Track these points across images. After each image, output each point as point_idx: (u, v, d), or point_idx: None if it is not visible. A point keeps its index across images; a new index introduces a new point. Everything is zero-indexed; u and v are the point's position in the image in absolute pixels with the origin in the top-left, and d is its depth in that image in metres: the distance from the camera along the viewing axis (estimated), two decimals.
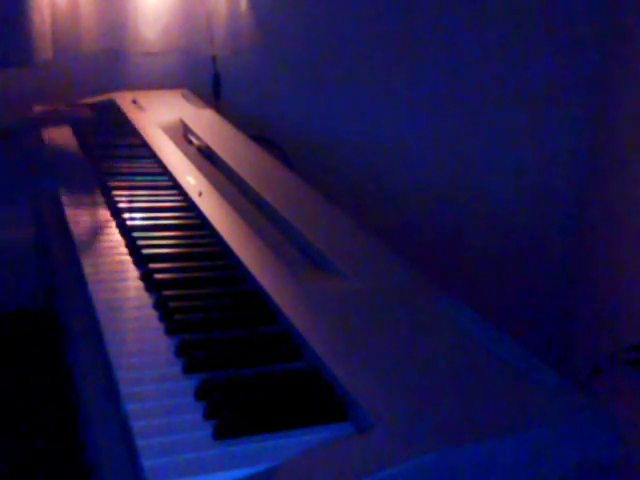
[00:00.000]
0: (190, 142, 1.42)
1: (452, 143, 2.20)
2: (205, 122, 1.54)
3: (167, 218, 1.06)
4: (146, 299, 0.82)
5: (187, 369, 0.67)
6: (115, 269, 0.90)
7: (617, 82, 2.20)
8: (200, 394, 0.63)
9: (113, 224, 1.04)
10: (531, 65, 2.19)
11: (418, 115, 2.14)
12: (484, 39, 2.13)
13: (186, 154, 1.31)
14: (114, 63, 1.86)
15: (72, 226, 1.03)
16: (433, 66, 2.12)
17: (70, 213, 1.07)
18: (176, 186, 1.19)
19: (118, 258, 0.93)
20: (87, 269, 0.89)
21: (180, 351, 0.70)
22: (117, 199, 1.11)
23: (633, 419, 1.86)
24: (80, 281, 0.88)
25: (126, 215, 1.04)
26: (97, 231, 1.02)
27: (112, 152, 1.37)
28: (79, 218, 1.06)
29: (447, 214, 2.26)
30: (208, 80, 1.92)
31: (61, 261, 0.99)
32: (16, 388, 1.25)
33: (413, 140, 2.16)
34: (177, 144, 1.37)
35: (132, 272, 0.89)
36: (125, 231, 1.00)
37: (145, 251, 0.92)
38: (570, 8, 2.17)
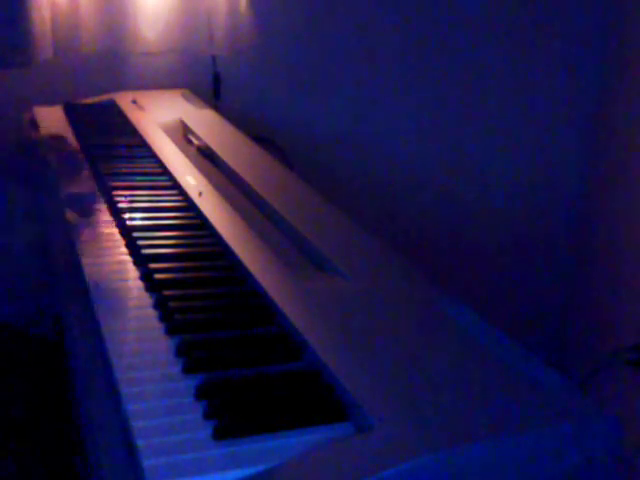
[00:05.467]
0: (190, 142, 1.42)
1: (453, 143, 2.20)
2: (205, 122, 1.54)
3: (167, 218, 1.06)
4: (146, 299, 0.82)
5: (187, 369, 0.67)
6: (115, 269, 0.90)
7: (618, 81, 2.19)
8: (200, 394, 0.63)
9: (113, 224, 1.04)
10: (532, 64, 2.19)
11: (418, 114, 2.14)
12: (484, 39, 2.13)
13: (186, 154, 1.31)
14: (114, 63, 1.86)
15: (72, 226, 1.03)
16: (433, 66, 2.11)
17: (70, 214, 1.07)
18: (176, 186, 1.19)
19: (118, 258, 0.93)
20: (87, 269, 0.89)
21: (180, 351, 0.70)
22: (117, 199, 1.11)
23: (633, 419, 1.86)
24: (80, 281, 0.88)
25: (126, 215, 1.04)
26: (97, 231, 1.02)
27: (112, 152, 1.37)
28: (79, 219, 1.06)
29: (447, 214, 2.26)
30: (208, 80, 1.92)
31: (61, 262, 0.99)
32: (15, 388, 1.25)
33: (413, 140, 2.16)
34: (177, 144, 1.37)
35: (132, 272, 0.89)
36: (125, 231, 1.00)
37: (145, 251, 0.93)
38: (571, 9, 2.17)
